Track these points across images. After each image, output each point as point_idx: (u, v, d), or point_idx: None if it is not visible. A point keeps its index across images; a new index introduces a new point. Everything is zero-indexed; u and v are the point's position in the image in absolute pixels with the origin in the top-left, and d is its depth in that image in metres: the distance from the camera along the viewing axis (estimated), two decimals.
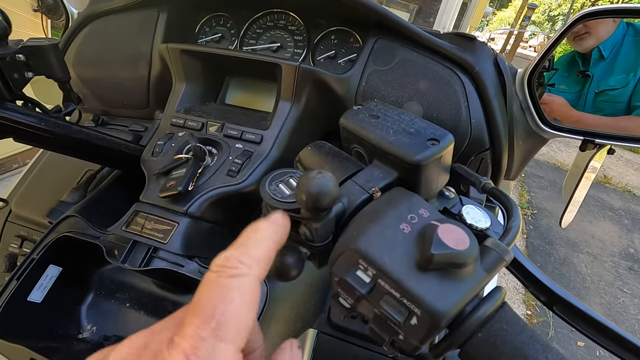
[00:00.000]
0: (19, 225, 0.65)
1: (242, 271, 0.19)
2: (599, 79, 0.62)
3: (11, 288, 0.46)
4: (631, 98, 0.58)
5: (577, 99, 0.62)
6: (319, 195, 0.22)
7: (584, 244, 2.83)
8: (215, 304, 0.18)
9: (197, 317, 0.17)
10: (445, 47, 0.52)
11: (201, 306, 0.18)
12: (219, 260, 0.20)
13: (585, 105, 0.61)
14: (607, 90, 0.61)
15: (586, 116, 0.60)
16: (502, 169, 0.54)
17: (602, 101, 0.61)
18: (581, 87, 0.63)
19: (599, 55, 0.63)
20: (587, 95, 0.62)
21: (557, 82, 0.63)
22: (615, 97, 0.60)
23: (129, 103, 0.70)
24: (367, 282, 0.23)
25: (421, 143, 0.27)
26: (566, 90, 0.63)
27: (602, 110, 0.60)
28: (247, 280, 0.19)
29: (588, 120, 0.60)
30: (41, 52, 0.48)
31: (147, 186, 0.51)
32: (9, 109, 0.44)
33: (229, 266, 0.19)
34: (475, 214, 0.30)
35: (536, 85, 0.60)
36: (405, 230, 0.24)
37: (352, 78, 0.56)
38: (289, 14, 0.68)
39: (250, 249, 0.20)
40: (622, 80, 0.60)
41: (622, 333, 0.25)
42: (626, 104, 0.59)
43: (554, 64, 0.63)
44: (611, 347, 0.25)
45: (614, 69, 0.62)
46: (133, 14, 0.67)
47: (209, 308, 0.18)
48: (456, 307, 0.21)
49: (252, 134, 0.54)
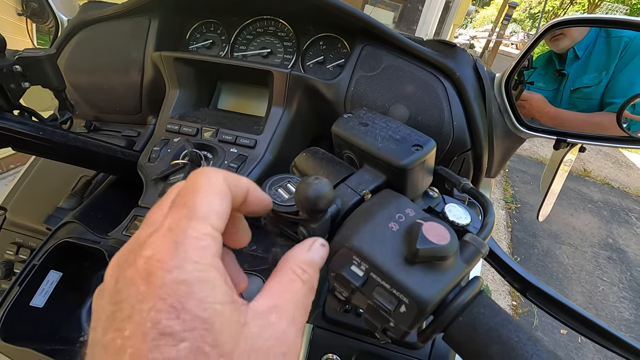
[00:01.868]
0: (14, 232, 0.65)
1: (210, 171, 0.22)
2: (574, 77, 0.66)
3: (13, 294, 0.47)
4: (603, 95, 0.62)
5: (554, 96, 0.66)
6: (316, 199, 0.25)
7: (566, 236, 2.93)
8: (186, 195, 0.21)
9: (174, 208, 0.21)
10: (428, 54, 0.55)
11: (178, 200, 0.21)
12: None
13: (561, 102, 0.65)
14: (581, 87, 0.65)
15: (563, 112, 0.64)
16: (483, 167, 0.57)
17: (577, 98, 0.65)
18: (558, 85, 0.67)
19: (574, 55, 0.67)
20: (563, 93, 0.65)
21: (536, 80, 0.67)
22: (588, 94, 0.64)
23: (121, 109, 0.71)
24: (361, 276, 0.26)
25: (406, 149, 0.30)
26: (544, 88, 0.67)
27: (577, 107, 0.64)
28: (215, 176, 0.22)
29: (564, 116, 0.64)
30: (37, 63, 0.49)
31: (146, 191, 0.52)
32: (7, 119, 0.45)
33: (199, 170, 0.23)
34: (456, 212, 0.33)
35: (516, 84, 0.63)
36: (393, 228, 0.27)
37: (340, 83, 0.58)
38: (278, 20, 0.70)
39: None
40: (595, 79, 0.64)
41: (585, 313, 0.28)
42: (599, 100, 0.63)
43: (532, 62, 0.67)
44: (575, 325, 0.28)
45: (587, 67, 0.66)
46: (124, 22, 0.68)
47: (182, 199, 0.21)
48: (439, 295, 0.24)
49: (246, 138, 0.56)
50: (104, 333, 0.18)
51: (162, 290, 0.17)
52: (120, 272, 0.19)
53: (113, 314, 0.18)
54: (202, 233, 0.20)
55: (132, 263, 0.19)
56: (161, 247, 0.19)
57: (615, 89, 0.62)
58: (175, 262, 0.18)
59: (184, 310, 0.17)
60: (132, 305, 0.17)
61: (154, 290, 0.17)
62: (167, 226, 0.20)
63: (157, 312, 0.17)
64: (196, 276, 0.18)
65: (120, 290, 0.18)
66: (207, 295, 0.18)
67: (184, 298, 0.17)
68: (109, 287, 0.20)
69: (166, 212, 0.21)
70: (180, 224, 0.20)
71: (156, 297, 0.17)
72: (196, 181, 0.22)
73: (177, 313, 0.17)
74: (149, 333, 0.16)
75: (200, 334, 0.17)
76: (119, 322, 0.17)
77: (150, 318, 0.17)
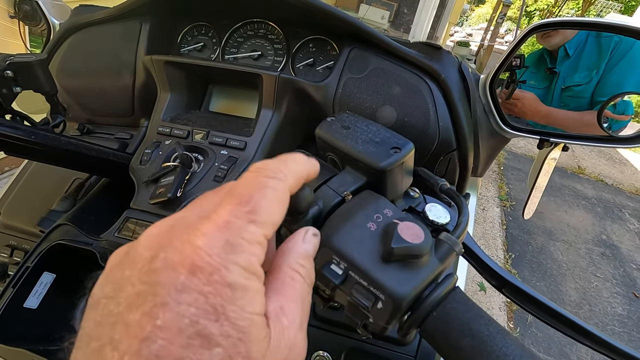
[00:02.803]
0: (8, 235, 0.66)
1: (279, 176, 0.21)
2: (565, 75, 0.67)
3: (7, 295, 0.48)
4: (594, 94, 0.64)
5: (545, 94, 0.67)
6: (295, 202, 0.26)
7: (560, 233, 2.96)
8: (252, 193, 0.20)
9: (234, 200, 0.19)
10: (414, 56, 0.57)
11: (239, 192, 0.20)
12: (258, 164, 0.22)
13: (552, 100, 0.66)
14: (572, 86, 0.66)
15: (554, 111, 0.65)
16: (469, 167, 0.59)
17: (567, 96, 0.66)
18: (549, 83, 0.68)
19: (565, 54, 0.68)
20: (554, 91, 0.67)
21: (528, 78, 0.68)
22: (579, 92, 0.65)
23: (114, 112, 0.72)
24: (340, 274, 0.27)
25: (385, 151, 0.31)
26: (535, 86, 0.68)
27: (567, 105, 0.65)
28: (282, 185, 0.21)
29: (556, 115, 0.65)
30: (29, 68, 0.50)
31: (137, 193, 0.53)
32: None
33: (268, 169, 0.22)
34: (437, 211, 0.34)
35: (509, 82, 0.65)
36: (371, 228, 0.28)
37: (329, 86, 0.59)
38: (269, 23, 0.71)
39: (289, 164, 0.23)
40: (586, 77, 0.65)
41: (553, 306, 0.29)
42: (589, 99, 0.64)
43: (524, 61, 0.68)
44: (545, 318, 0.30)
45: (578, 66, 0.67)
46: (116, 25, 0.69)
47: (246, 195, 0.20)
48: (414, 291, 0.25)
49: (236, 140, 0.57)
50: (129, 310, 0.17)
51: (206, 288, 0.17)
52: (159, 250, 0.18)
53: (144, 294, 0.17)
54: (257, 240, 0.19)
55: (178, 247, 0.18)
56: (214, 241, 0.18)
57: (605, 87, 0.63)
58: (225, 263, 0.17)
59: (224, 315, 0.17)
60: (169, 293, 0.16)
61: (197, 285, 0.17)
62: (224, 218, 0.18)
63: (197, 309, 0.16)
64: (241, 283, 0.18)
65: (156, 271, 0.17)
66: (247, 303, 0.18)
67: (227, 302, 0.17)
68: (142, 260, 0.18)
69: (222, 199, 0.20)
70: (238, 223, 0.19)
71: (199, 293, 0.16)
72: (266, 181, 0.21)
73: (217, 316, 0.16)
74: (185, 330, 0.16)
75: (234, 343, 0.17)
76: (151, 306, 0.16)
77: (189, 314, 0.16)
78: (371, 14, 6.03)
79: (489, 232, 2.74)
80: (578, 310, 2.26)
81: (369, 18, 6.02)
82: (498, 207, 3.11)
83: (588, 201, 3.53)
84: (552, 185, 3.66)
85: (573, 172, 4.06)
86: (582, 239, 2.95)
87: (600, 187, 3.87)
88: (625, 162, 4.71)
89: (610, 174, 4.22)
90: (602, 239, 3.00)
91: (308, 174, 0.25)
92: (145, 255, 0.18)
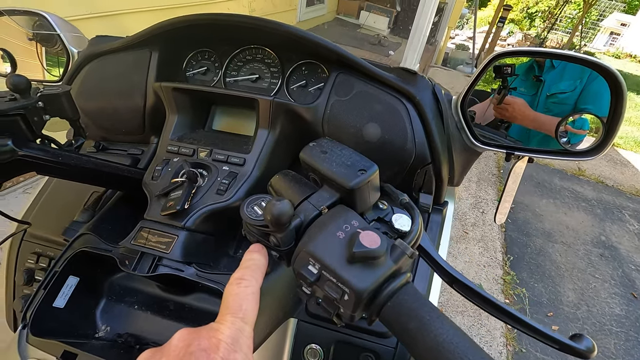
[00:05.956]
0: (33, 243, 0.74)
1: (252, 283, 0.35)
2: (550, 83, 0.73)
3: (39, 296, 0.55)
4: (577, 101, 0.70)
5: (532, 100, 0.73)
6: (279, 216, 0.33)
7: (559, 234, 3.00)
8: (240, 303, 0.34)
9: (230, 312, 0.33)
10: (392, 80, 0.64)
11: (231, 305, 0.33)
12: (236, 275, 0.36)
13: (537, 106, 0.73)
14: (556, 93, 0.72)
15: (542, 116, 0.71)
16: (444, 178, 0.65)
17: (552, 102, 0.72)
18: (536, 91, 0.75)
19: (551, 64, 0.75)
20: (540, 97, 0.73)
21: (518, 85, 0.75)
22: (563, 99, 0.72)
23: (126, 130, 0.80)
24: (315, 273, 0.34)
25: (354, 172, 0.38)
26: (525, 93, 0.75)
27: (550, 111, 0.72)
28: (255, 288, 0.35)
29: (542, 119, 0.71)
30: (56, 98, 0.58)
31: (150, 206, 0.61)
32: (32, 147, 0.54)
33: (244, 279, 0.35)
34: (402, 221, 0.41)
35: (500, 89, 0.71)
36: (340, 236, 0.35)
37: (318, 107, 0.67)
38: (265, 49, 0.79)
39: (254, 271, 0.37)
40: (570, 85, 0.72)
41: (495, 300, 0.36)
42: (572, 106, 0.70)
43: (515, 70, 0.75)
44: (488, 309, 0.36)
45: (563, 75, 0.74)
46: (128, 54, 0.77)
47: (237, 306, 0.33)
48: (372, 286, 0.32)
49: (236, 157, 0.65)
50: None
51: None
52: (192, 341, 0.30)
53: None
54: (247, 335, 0.32)
55: (206, 339, 0.30)
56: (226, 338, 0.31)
57: (588, 96, 0.70)
58: (234, 348, 0.30)
59: None
60: None
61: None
62: (229, 325, 0.32)
63: None
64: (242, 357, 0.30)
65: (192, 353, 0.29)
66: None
67: None
68: (177, 349, 0.30)
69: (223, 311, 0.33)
70: (238, 326, 0.32)
71: None
72: (246, 289, 0.35)
73: None
74: None
75: None
76: None
77: None
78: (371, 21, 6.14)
79: (488, 234, 2.78)
80: (576, 311, 2.30)
81: (369, 24, 6.12)
82: None
83: (588, 203, 3.56)
84: (552, 187, 3.70)
85: (573, 174, 4.09)
86: (581, 240, 2.99)
87: (600, 188, 3.90)
88: (626, 164, 4.73)
89: (610, 175, 4.25)
90: (601, 240, 3.03)
91: (265, 264, 0.39)
92: (180, 345, 0.30)
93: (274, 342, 0.61)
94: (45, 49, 0.98)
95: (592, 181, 4.02)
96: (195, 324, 0.59)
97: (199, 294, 0.61)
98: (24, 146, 0.51)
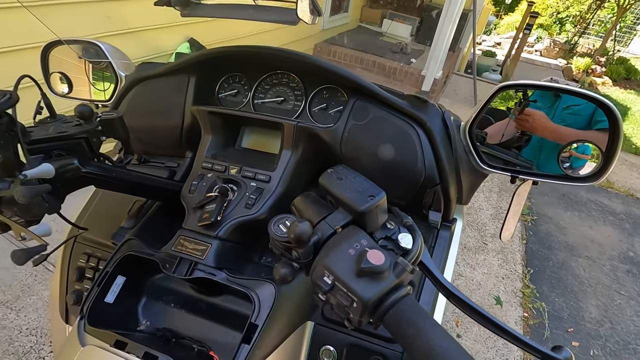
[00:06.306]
0: (84, 245, 0.84)
1: None
2: (567, 97, 0.77)
3: (94, 293, 0.65)
4: (594, 114, 0.74)
5: (548, 112, 0.78)
6: (299, 235, 0.40)
7: (583, 248, 2.92)
8: None
9: None
10: (405, 107, 0.70)
11: None
12: None
13: (553, 117, 0.77)
14: (572, 105, 0.76)
15: (561, 128, 0.75)
16: (452, 197, 0.71)
17: (567, 114, 0.76)
18: (552, 104, 0.79)
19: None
20: (556, 110, 0.77)
21: (537, 98, 0.79)
22: (577, 110, 0.75)
23: (165, 145, 0.89)
24: (330, 283, 0.41)
25: (364, 198, 0.45)
26: (541, 106, 0.79)
27: (564, 121, 0.75)
28: None
29: (561, 131, 0.75)
30: (112, 122, 0.67)
31: (187, 216, 0.69)
32: (93, 165, 0.63)
33: None
34: (407, 240, 0.47)
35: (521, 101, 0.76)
36: (351, 253, 0.41)
37: (337, 130, 0.74)
38: (290, 74, 0.87)
39: None
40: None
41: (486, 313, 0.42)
42: (588, 117, 0.74)
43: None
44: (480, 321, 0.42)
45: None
46: (169, 79, 0.87)
47: None
48: (376, 296, 0.38)
49: (262, 174, 0.72)
50: None
51: None
52: None
53: None
54: None
55: None
56: None
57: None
58: None
59: None
60: None
61: None
62: None
63: None
64: None
65: None
66: None
67: None
68: None
69: None
70: None
71: None
72: None
73: None
74: None
75: None
76: None
77: None
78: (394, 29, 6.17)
79: (508, 246, 2.76)
80: (598, 328, 2.25)
81: (391, 32, 6.16)
82: (518, 222, 3.11)
83: (616, 216, 3.45)
84: (577, 199, 3.61)
85: (601, 186, 3.96)
86: (607, 255, 2.90)
87: (630, 201, 3.76)
88: None
89: None
90: (629, 255, 2.94)
91: None
92: None
93: (292, 343, 0.68)
94: (92, 66, 1.10)
95: (621, 194, 3.88)
96: (223, 322, 0.67)
97: (227, 296, 0.69)
98: (86, 164, 0.61)
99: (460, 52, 6.45)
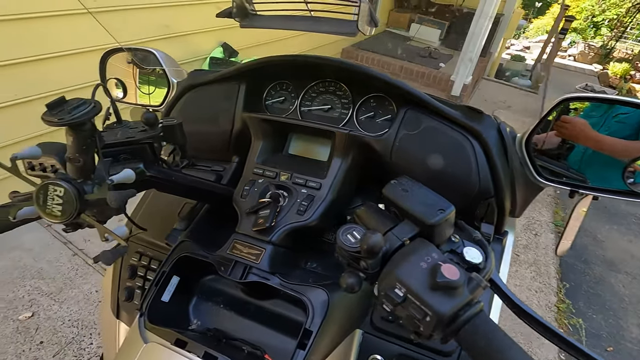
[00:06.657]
0: (137, 244, 0.88)
1: None
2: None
3: (152, 292, 0.67)
4: None
5: (598, 122, 0.75)
6: (373, 247, 0.40)
7: (623, 264, 2.78)
8: None
9: None
10: (460, 118, 0.69)
11: None
12: None
13: (603, 126, 0.74)
14: (619, 114, 0.74)
15: (604, 138, 0.73)
16: (506, 210, 0.69)
17: (614, 122, 0.73)
18: (604, 112, 0.76)
19: None
20: (607, 118, 0.75)
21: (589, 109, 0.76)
22: (623, 119, 0.72)
23: (213, 150, 0.92)
24: (401, 296, 0.41)
25: (434, 211, 0.45)
26: (593, 115, 0.76)
27: (610, 128, 0.72)
28: None
29: (605, 140, 0.72)
30: (172, 128, 0.70)
31: (241, 221, 0.71)
32: (155, 169, 0.66)
33: None
34: (472, 253, 0.47)
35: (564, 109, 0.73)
36: (423, 266, 0.41)
37: (388, 139, 0.74)
38: (337, 82, 0.87)
39: None
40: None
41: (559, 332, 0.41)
42: (635, 126, 0.71)
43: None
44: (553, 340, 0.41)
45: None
46: (220, 86, 0.90)
47: None
48: (451, 311, 0.38)
49: (313, 182, 0.73)
50: None
51: None
52: None
53: None
54: None
55: None
56: None
57: None
58: None
59: None
60: None
61: None
62: None
63: None
64: None
65: None
66: None
67: None
68: None
69: None
70: None
71: None
72: None
73: None
74: None
75: None
76: None
77: None
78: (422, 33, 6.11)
79: (541, 259, 2.66)
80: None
81: (419, 37, 6.10)
82: (552, 233, 3.00)
83: None
84: (617, 212, 3.44)
85: None
86: None
87: None
88: None
89: None
90: None
91: None
92: None
93: (341, 351, 0.68)
94: (139, 70, 1.15)
95: None
96: (273, 326, 0.68)
97: (277, 300, 0.70)
98: (150, 168, 0.63)
99: (491, 57, 6.30)
